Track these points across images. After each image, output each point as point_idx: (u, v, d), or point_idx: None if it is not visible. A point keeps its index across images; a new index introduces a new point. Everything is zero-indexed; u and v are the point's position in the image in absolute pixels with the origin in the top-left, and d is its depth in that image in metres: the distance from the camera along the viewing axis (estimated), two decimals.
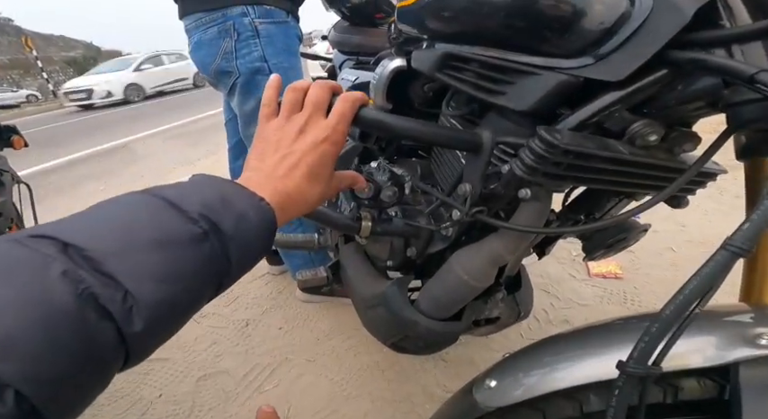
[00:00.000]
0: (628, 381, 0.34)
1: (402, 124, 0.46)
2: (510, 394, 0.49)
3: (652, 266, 1.61)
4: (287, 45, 1.22)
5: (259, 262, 0.36)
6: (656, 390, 0.43)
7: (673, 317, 0.30)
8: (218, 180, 0.34)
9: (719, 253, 0.29)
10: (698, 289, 0.29)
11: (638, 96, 0.39)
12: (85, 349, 0.22)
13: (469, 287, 0.54)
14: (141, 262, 0.26)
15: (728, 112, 0.37)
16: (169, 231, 0.28)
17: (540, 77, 0.42)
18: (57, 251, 0.24)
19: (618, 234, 0.60)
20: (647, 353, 0.32)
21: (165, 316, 0.26)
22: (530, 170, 0.40)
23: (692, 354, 0.41)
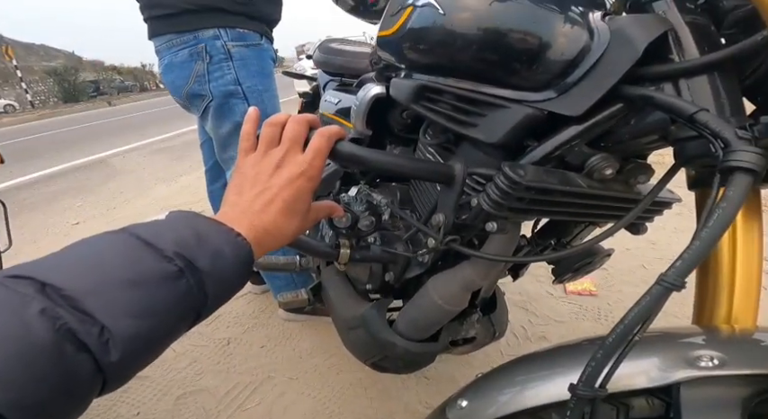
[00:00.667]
0: (578, 403, 0.36)
1: (377, 158, 0.48)
2: (481, 413, 0.50)
3: (625, 283, 1.67)
4: (261, 67, 1.21)
5: (237, 292, 0.37)
6: (609, 409, 0.45)
7: (615, 344, 0.33)
8: (194, 217, 0.35)
9: (654, 287, 0.32)
10: (636, 319, 0.33)
11: (595, 130, 0.43)
12: (64, 378, 0.24)
13: (444, 311, 0.57)
14: (117, 300, 0.27)
15: (675, 148, 0.40)
16: (144, 270, 0.29)
17: (509, 110, 0.45)
18: (34, 291, 0.25)
19: (584, 258, 0.64)
20: (594, 377, 0.35)
21: (140, 347, 0.28)
22: (495, 205, 0.43)
23: (637, 375, 0.42)
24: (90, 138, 7.15)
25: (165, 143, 5.87)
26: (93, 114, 13.04)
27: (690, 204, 1.87)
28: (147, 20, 1.19)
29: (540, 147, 0.46)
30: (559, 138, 0.44)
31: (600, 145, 0.46)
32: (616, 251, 0.69)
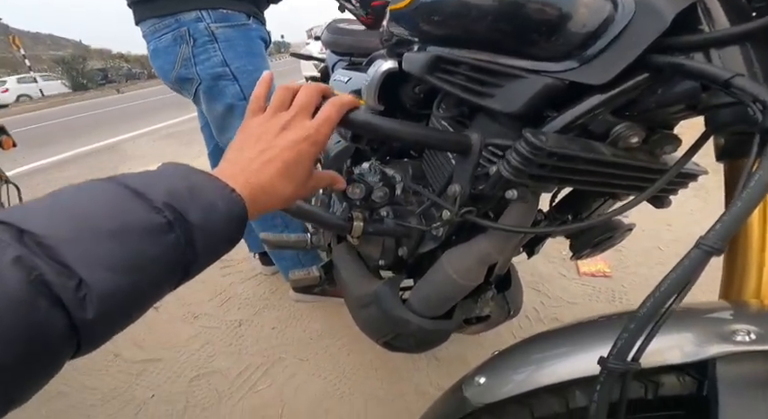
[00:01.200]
0: (608, 377, 0.35)
1: (392, 126, 0.47)
2: (499, 390, 0.50)
3: (640, 265, 1.64)
4: (249, 47, 1.18)
5: (230, 250, 0.35)
6: (638, 386, 0.44)
7: (649, 314, 0.31)
8: (188, 169, 0.34)
9: (693, 251, 0.30)
10: (673, 286, 0.30)
11: (620, 99, 0.41)
12: (35, 336, 0.22)
13: (459, 286, 0.56)
14: (98, 251, 0.25)
15: (706, 115, 0.38)
16: (130, 221, 0.27)
17: (527, 80, 0.43)
18: (11, 237, 0.23)
19: (604, 233, 0.62)
20: (626, 350, 0.33)
21: (119, 305, 0.26)
22: (516, 171, 0.41)
23: (670, 350, 0.41)
24: (100, 125, 7.18)
25: (173, 128, 5.88)
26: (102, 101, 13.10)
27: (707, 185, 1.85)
28: (130, 5, 1.18)
29: (561, 116, 0.44)
30: (582, 107, 0.42)
31: (625, 114, 0.44)
32: (631, 233, 0.67)
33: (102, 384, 1.24)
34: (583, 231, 0.64)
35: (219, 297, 1.65)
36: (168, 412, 1.15)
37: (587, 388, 0.46)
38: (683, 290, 0.31)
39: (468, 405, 0.52)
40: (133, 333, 1.46)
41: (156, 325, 1.49)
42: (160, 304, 1.60)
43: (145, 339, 1.43)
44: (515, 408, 0.50)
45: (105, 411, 1.15)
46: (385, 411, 1.11)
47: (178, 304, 1.61)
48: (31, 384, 0.24)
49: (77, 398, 1.19)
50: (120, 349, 1.38)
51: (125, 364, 1.32)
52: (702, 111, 0.39)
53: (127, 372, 1.29)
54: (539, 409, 0.49)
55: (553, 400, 0.48)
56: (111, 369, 1.30)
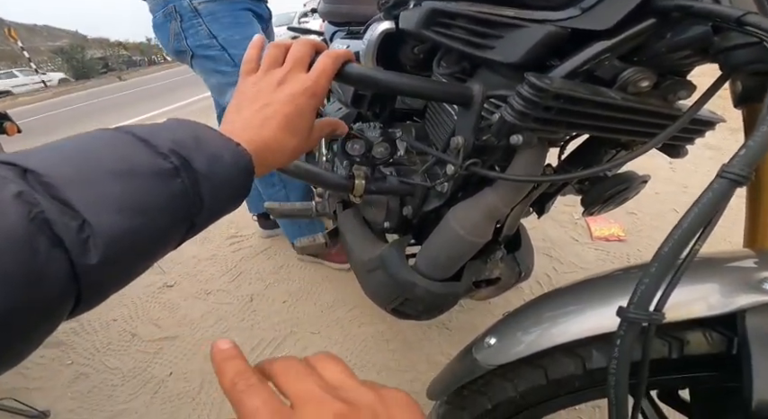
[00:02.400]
0: (629, 329, 0.32)
1: (390, 78, 0.45)
2: (510, 351, 0.48)
3: (655, 228, 1.61)
4: (234, 18, 1.24)
5: (237, 206, 0.35)
6: (660, 344, 0.41)
7: (672, 255, 0.29)
8: (193, 122, 0.33)
9: (717, 181, 0.28)
10: (697, 221, 0.28)
11: (626, 45, 0.39)
12: (31, 279, 0.20)
13: (467, 242, 0.53)
14: (103, 192, 0.24)
15: (720, 58, 0.36)
16: (136, 163, 0.26)
17: (528, 30, 0.42)
18: (14, 175, 0.22)
19: (616, 185, 0.59)
20: (648, 297, 0.31)
21: (124, 250, 0.25)
22: (520, 115, 0.40)
23: (694, 303, 0.39)
24: (105, 111, 7.20)
25: (177, 112, 5.87)
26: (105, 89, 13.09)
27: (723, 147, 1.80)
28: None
29: (565, 63, 0.41)
30: (586, 53, 0.40)
31: (633, 59, 0.42)
32: (645, 195, 0.64)
33: (122, 364, 1.27)
34: (594, 184, 0.61)
35: (231, 272, 1.66)
36: (186, 389, 1.16)
37: (605, 346, 0.44)
38: (709, 225, 0.29)
39: (479, 368, 0.51)
40: (149, 311, 1.48)
41: (170, 303, 1.51)
42: (174, 281, 1.62)
43: (160, 317, 1.45)
44: (528, 370, 0.49)
45: (126, 390, 1.18)
46: (397, 381, 1.11)
47: (191, 281, 1.63)
48: (29, 337, 0.22)
49: (99, 379, 1.22)
50: (137, 328, 1.40)
51: (143, 343, 1.34)
52: (715, 54, 0.37)
53: (144, 351, 1.31)
54: (553, 370, 0.47)
55: (568, 360, 0.46)
56: (130, 349, 1.32)
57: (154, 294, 1.56)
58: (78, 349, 1.34)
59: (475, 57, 0.48)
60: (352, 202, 0.83)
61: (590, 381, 0.46)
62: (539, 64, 0.43)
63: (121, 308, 1.49)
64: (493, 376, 0.52)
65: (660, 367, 0.41)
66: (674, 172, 2.01)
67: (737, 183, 0.28)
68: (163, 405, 1.12)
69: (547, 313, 0.49)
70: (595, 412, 0.99)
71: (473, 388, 0.54)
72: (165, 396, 1.15)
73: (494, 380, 0.52)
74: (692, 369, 0.42)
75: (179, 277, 1.65)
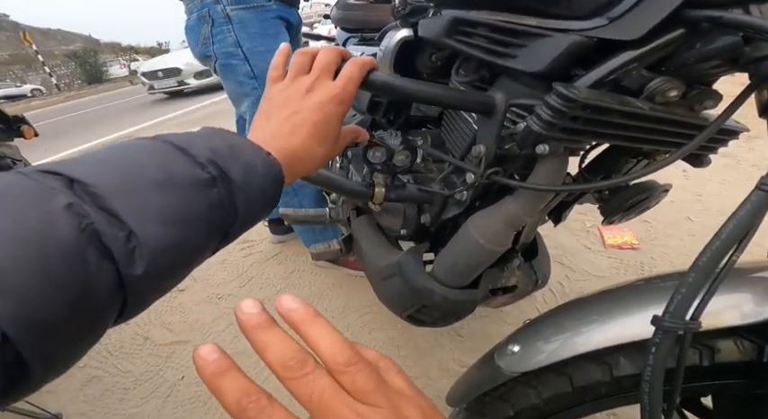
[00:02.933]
0: (665, 338, 0.32)
1: (413, 87, 0.46)
2: (534, 359, 0.49)
3: (669, 236, 1.59)
4: (263, 29, 1.25)
5: (266, 216, 0.35)
6: (691, 352, 0.42)
7: (710, 265, 0.29)
8: (227, 132, 0.33)
9: (755, 193, 0.28)
10: (734, 233, 0.28)
11: (654, 55, 0.38)
12: (82, 290, 0.20)
13: (486, 251, 0.53)
14: (147, 203, 0.24)
15: (750, 68, 0.36)
16: (176, 173, 0.26)
17: (553, 39, 0.41)
18: (62, 185, 0.22)
19: (637, 194, 0.58)
20: (685, 306, 0.31)
21: (167, 261, 0.25)
22: (547, 125, 0.39)
23: (727, 311, 0.39)
24: (117, 116, 7.29)
25: (187, 116, 5.93)
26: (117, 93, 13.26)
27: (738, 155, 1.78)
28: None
29: (591, 72, 0.41)
30: (613, 62, 0.40)
31: (661, 69, 0.41)
32: (659, 204, 0.63)
33: (134, 367, 1.27)
34: (614, 193, 0.61)
35: (242, 277, 1.67)
36: (198, 393, 1.16)
37: (633, 354, 0.45)
38: (745, 238, 0.28)
39: (502, 375, 0.51)
40: (161, 315, 1.49)
41: (182, 307, 1.52)
42: (185, 286, 1.63)
43: (172, 321, 1.45)
44: (552, 377, 0.49)
45: (138, 394, 1.18)
46: None
47: (203, 285, 1.64)
48: (75, 346, 0.22)
49: (112, 382, 1.23)
50: (149, 332, 1.41)
51: (155, 347, 1.35)
52: (745, 64, 0.36)
53: (157, 355, 1.32)
54: (579, 378, 0.47)
55: (595, 368, 0.46)
56: (142, 352, 1.33)
57: (166, 298, 1.56)
58: (91, 352, 1.33)
59: (496, 66, 0.48)
60: (365, 209, 0.83)
61: (617, 388, 0.46)
62: (563, 73, 0.43)
63: None
64: (516, 383, 0.52)
65: (690, 374, 0.41)
66: (687, 180, 1.99)
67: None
68: (175, 410, 1.13)
69: (570, 321, 0.49)
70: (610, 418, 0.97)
71: (495, 395, 0.54)
72: (177, 400, 1.15)
73: (516, 387, 0.52)
74: (721, 376, 0.42)
75: (190, 281, 1.66)
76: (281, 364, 0.20)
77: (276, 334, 0.21)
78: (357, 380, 0.21)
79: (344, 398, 0.20)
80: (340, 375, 0.21)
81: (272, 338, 0.21)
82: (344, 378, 0.21)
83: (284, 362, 0.20)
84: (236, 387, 0.19)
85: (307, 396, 0.20)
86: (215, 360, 0.20)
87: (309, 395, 0.20)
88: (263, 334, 0.21)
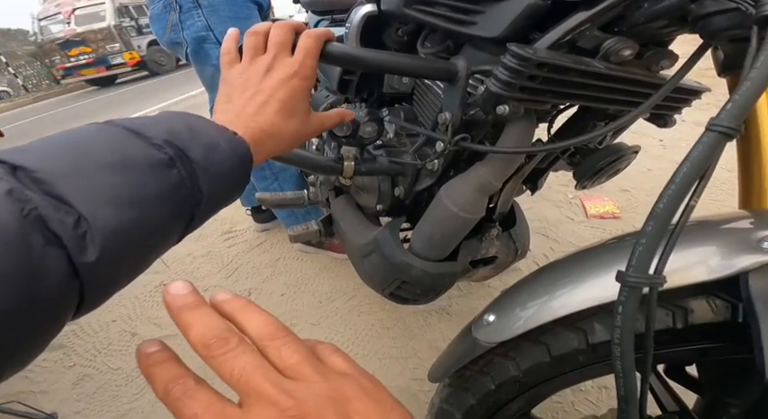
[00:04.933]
0: (630, 295, 0.31)
1: (372, 56, 0.45)
2: (509, 327, 0.47)
3: (649, 204, 1.58)
4: (234, 12, 1.24)
5: (237, 196, 0.34)
6: (663, 314, 0.40)
7: (668, 212, 0.28)
8: (186, 114, 0.32)
9: (706, 134, 0.28)
10: (689, 176, 0.28)
11: (606, 15, 0.39)
12: (30, 279, 0.19)
13: (460, 219, 0.53)
14: (97, 185, 0.23)
15: (698, 26, 0.36)
16: (130, 155, 0.25)
17: (509, 3, 0.42)
18: (4, 172, 0.21)
19: (608, 156, 0.58)
20: (647, 259, 0.30)
21: (122, 245, 0.24)
22: (505, 85, 0.40)
23: (695, 267, 0.38)
24: (89, 114, 7.06)
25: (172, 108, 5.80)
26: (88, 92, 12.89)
27: None
28: None
29: (546, 35, 0.41)
30: (567, 24, 0.40)
31: (614, 30, 0.42)
32: (637, 172, 0.63)
33: (124, 364, 1.26)
34: (585, 157, 0.61)
35: (227, 268, 1.65)
36: None
37: (607, 318, 0.43)
38: (703, 180, 0.28)
39: (479, 347, 0.50)
40: (148, 310, 1.47)
41: None
42: (170, 280, 1.61)
43: (159, 316, 1.44)
44: (529, 346, 0.48)
45: (131, 390, 1.17)
46: (400, 369, 1.12)
47: (188, 278, 1.60)
48: (34, 338, 0.21)
49: (103, 380, 1.22)
50: (136, 328, 1.40)
51: None
52: (693, 23, 0.37)
53: None
54: (555, 346, 0.46)
55: (570, 335, 0.45)
56: (131, 349, 1.32)
57: (151, 293, 1.55)
58: (80, 351, 1.33)
59: (458, 34, 0.48)
60: (343, 189, 0.83)
61: (595, 356, 0.44)
62: (521, 38, 0.43)
63: (120, 309, 1.48)
64: (494, 355, 0.51)
65: (666, 339, 0.40)
66: (665, 149, 2.02)
67: (727, 136, 0.27)
68: None
69: (545, 286, 0.48)
70: (602, 392, 0.99)
71: (475, 369, 0.53)
72: None
73: (495, 359, 0.51)
74: (698, 340, 0.41)
75: (175, 275, 1.64)
76: (202, 343, 0.20)
77: (201, 314, 0.21)
78: (282, 352, 0.21)
79: (267, 373, 0.20)
80: (266, 349, 0.21)
81: (197, 318, 0.21)
82: (270, 351, 0.21)
83: (206, 341, 0.20)
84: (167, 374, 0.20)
85: (227, 374, 0.20)
86: (152, 352, 0.21)
87: (230, 372, 0.19)
88: (189, 314, 0.21)
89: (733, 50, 0.44)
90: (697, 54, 0.40)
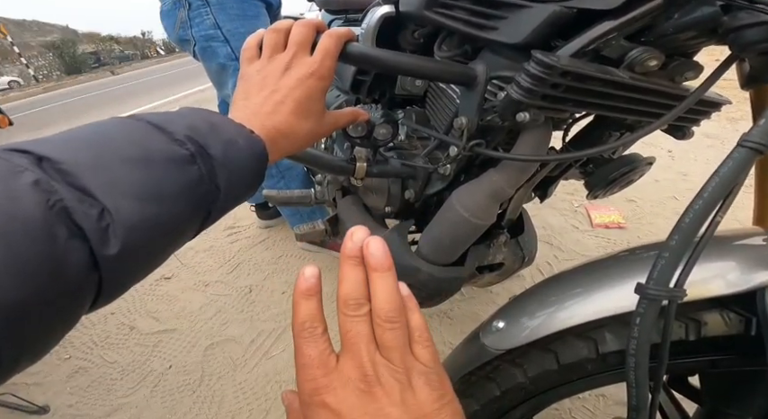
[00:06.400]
0: (649, 307, 0.31)
1: (392, 58, 0.44)
2: (519, 335, 0.47)
3: (655, 215, 1.60)
4: (242, 10, 1.24)
5: (251, 195, 0.34)
6: (677, 326, 0.41)
7: (693, 227, 0.28)
8: (206, 111, 0.33)
9: (737, 150, 0.27)
10: (717, 192, 0.27)
11: (634, 25, 0.38)
12: (52, 270, 0.19)
13: (471, 225, 0.52)
14: (121, 179, 0.24)
15: (729, 38, 0.36)
16: (153, 150, 0.26)
17: (533, 10, 0.41)
18: (30, 163, 0.21)
19: (621, 167, 0.58)
20: (669, 272, 0.30)
21: (144, 238, 0.24)
22: (527, 93, 0.39)
23: (711, 281, 0.38)
24: (99, 105, 7.13)
25: (173, 105, 5.83)
26: (97, 84, 12.95)
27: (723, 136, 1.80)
28: None
29: (571, 42, 0.41)
30: (593, 32, 0.39)
31: (641, 40, 0.41)
32: (644, 183, 0.63)
33: (120, 357, 1.26)
34: (598, 167, 0.60)
35: (229, 263, 1.65)
36: (186, 382, 1.16)
37: (618, 329, 0.44)
38: (730, 195, 0.28)
39: (487, 353, 0.50)
40: (147, 304, 1.47)
41: (168, 296, 1.50)
42: (172, 273, 1.61)
43: (158, 310, 1.44)
44: (538, 354, 0.48)
45: (126, 384, 1.17)
46: None
47: (189, 273, 1.62)
48: (48, 332, 0.21)
49: (99, 373, 1.21)
50: (135, 322, 1.39)
51: (141, 336, 1.33)
52: (724, 34, 0.36)
53: (143, 344, 1.30)
54: (564, 354, 0.46)
55: (580, 344, 0.45)
56: (129, 342, 1.32)
57: (151, 286, 1.55)
58: (76, 343, 1.33)
59: (478, 39, 0.47)
60: (351, 189, 0.82)
61: (603, 365, 0.45)
62: (543, 45, 0.42)
63: (119, 301, 1.47)
64: (501, 361, 0.50)
65: (677, 350, 0.40)
66: (673, 160, 2.01)
67: (757, 152, 0.27)
68: (163, 399, 1.12)
69: (556, 295, 0.48)
70: (599, 401, 0.98)
71: (481, 375, 0.52)
72: (165, 389, 1.14)
73: (502, 366, 0.50)
74: (708, 351, 0.41)
75: (176, 269, 1.64)
76: (344, 299, 0.26)
77: (356, 273, 0.26)
78: (385, 336, 0.25)
79: (368, 345, 0.25)
80: (377, 326, 0.26)
81: (353, 275, 0.26)
82: (378, 330, 0.26)
83: (347, 299, 0.26)
84: (308, 311, 0.26)
85: (345, 331, 0.26)
86: (310, 284, 0.26)
87: (348, 331, 0.26)
88: (349, 267, 0.26)
89: (761, 64, 0.43)
90: (724, 66, 0.39)
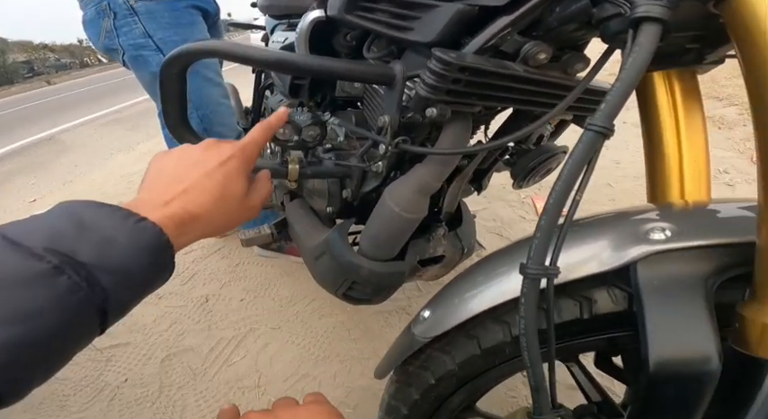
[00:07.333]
0: (531, 286, 0.32)
1: (309, 61, 0.47)
2: (443, 322, 0.48)
3: (593, 202, 1.71)
4: (174, 19, 1.21)
5: (165, 280, 0.34)
6: (572, 305, 0.42)
7: (557, 206, 0.31)
8: (82, 206, 0.31)
9: (585, 134, 0.30)
10: (573, 172, 0.30)
11: (525, 19, 0.42)
12: None
13: (403, 219, 0.55)
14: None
15: (600, 29, 0.39)
16: (6, 271, 0.25)
17: (441, 9, 0.44)
18: None
19: (539, 156, 0.63)
20: (542, 251, 0.32)
21: (19, 357, 0.24)
22: (432, 89, 0.42)
23: (590, 260, 0.39)
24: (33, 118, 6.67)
25: (116, 115, 5.56)
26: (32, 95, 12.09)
27: None
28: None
29: (474, 40, 0.45)
30: (491, 29, 0.43)
31: (532, 34, 0.45)
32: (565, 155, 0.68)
33: (71, 374, 1.20)
34: (519, 157, 0.65)
35: (183, 275, 1.61)
36: (144, 394, 1.13)
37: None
38: (586, 173, 0.32)
39: (416, 342, 0.50)
40: None
41: None
42: None
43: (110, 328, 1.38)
44: (463, 340, 0.48)
45: (80, 399, 1.13)
46: (361, 369, 1.13)
47: None
48: None
49: (49, 390, 1.16)
50: None
51: (93, 352, 1.28)
52: (597, 25, 0.39)
53: (95, 360, 1.25)
54: (485, 339, 0.47)
55: (497, 328, 0.46)
56: (79, 359, 1.26)
57: None
58: None
59: (397, 40, 0.50)
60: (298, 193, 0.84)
61: (518, 348, 0.44)
62: (454, 43, 0.45)
63: None
64: (432, 350, 0.51)
65: (576, 329, 0.42)
66: (606, 150, 2.12)
67: (602, 135, 0.30)
68: (121, 412, 1.09)
69: (474, 280, 0.49)
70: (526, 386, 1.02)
71: (416, 364, 0.54)
72: (123, 402, 1.11)
73: (433, 354, 0.51)
74: (604, 329, 0.43)
75: None
76: None
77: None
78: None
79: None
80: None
81: None
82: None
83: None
84: None
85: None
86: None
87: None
88: None
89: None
90: (604, 57, 0.42)
